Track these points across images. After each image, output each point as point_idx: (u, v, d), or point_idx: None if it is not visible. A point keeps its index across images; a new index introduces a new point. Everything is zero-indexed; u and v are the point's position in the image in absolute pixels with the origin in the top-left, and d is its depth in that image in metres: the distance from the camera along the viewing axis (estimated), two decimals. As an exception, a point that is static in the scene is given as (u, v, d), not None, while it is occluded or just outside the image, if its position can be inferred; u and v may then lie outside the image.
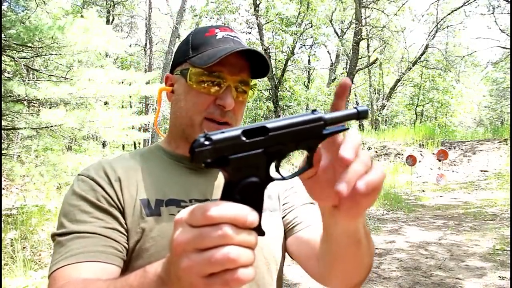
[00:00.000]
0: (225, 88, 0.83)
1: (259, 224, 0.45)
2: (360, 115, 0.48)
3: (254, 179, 0.45)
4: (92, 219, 0.76)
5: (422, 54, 19.65)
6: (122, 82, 6.58)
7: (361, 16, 15.46)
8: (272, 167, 0.48)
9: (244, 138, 0.44)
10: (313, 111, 0.47)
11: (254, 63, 0.86)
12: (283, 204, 0.95)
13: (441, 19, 18.98)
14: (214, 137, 0.42)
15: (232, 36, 0.86)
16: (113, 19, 21.11)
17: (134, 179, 0.84)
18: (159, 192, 0.83)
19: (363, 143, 14.36)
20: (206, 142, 0.42)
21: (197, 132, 0.85)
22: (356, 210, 0.46)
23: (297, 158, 12.12)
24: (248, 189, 0.45)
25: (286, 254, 0.94)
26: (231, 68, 0.82)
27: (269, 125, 0.45)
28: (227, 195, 0.45)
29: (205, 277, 0.41)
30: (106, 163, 0.86)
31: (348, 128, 0.48)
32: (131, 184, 0.83)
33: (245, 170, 0.45)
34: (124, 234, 0.79)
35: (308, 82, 25.74)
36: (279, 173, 0.49)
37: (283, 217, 0.94)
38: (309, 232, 0.86)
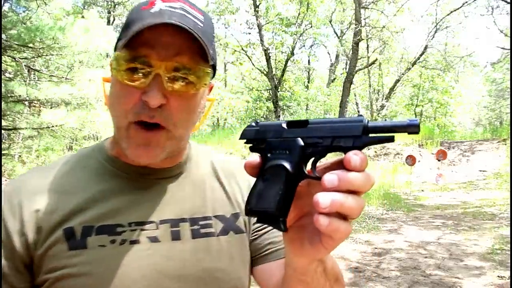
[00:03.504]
0: (152, 78, 0.61)
1: (283, 218, 0.46)
2: (409, 129, 0.43)
3: (285, 163, 0.46)
4: None
5: (421, 55, 19.68)
6: (123, 83, 6.60)
7: (361, 17, 15.49)
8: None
9: (285, 126, 0.49)
10: (359, 115, 0.47)
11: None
12: (253, 224, 0.79)
13: (440, 20, 19.01)
14: (261, 123, 0.52)
15: (173, 7, 0.63)
16: (113, 20, 21.13)
17: (59, 203, 0.66)
18: (89, 217, 0.65)
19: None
20: (254, 124, 0.52)
21: (123, 138, 0.65)
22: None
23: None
24: (276, 170, 0.46)
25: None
26: (162, 50, 0.61)
27: (310, 120, 0.48)
28: (259, 176, 0.49)
29: None
30: (22, 188, 0.67)
31: (393, 139, 0.43)
32: (52, 211, 0.64)
33: (279, 153, 0.48)
34: (27, 275, 0.64)
35: (308, 82, 25.77)
36: (315, 170, 0.47)
37: (252, 241, 0.78)
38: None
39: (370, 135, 0.45)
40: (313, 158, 0.48)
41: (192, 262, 0.67)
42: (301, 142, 0.47)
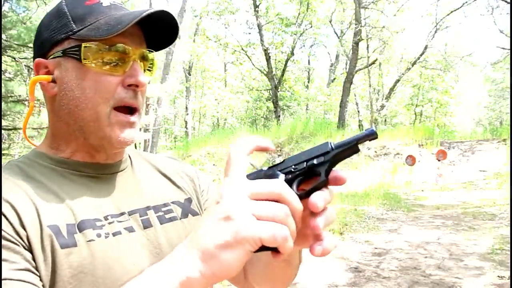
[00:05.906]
0: (131, 63, 0.67)
1: None
2: (369, 137, 0.51)
3: None
4: None
5: (421, 55, 19.69)
6: (123, 83, 6.61)
7: (361, 17, 15.49)
8: None
9: (264, 168, 0.55)
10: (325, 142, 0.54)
11: (150, 34, 0.73)
12: (204, 209, 0.82)
13: (440, 20, 19.02)
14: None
15: (119, 4, 0.71)
16: (113, 19, 21.12)
17: (29, 201, 0.60)
18: (66, 214, 0.62)
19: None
20: None
21: (104, 126, 0.66)
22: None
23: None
24: None
25: None
26: (132, 39, 0.68)
27: (286, 159, 0.55)
28: None
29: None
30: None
31: (358, 149, 0.51)
32: (28, 208, 0.59)
33: None
34: (37, 275, 0.56)
35: (308, 82, 25.80)
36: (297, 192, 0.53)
37: None
38: None
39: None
40: (296, 181, 0.53)
41: (167, 245, 0.70)
42: (281, 173, 0.53)
